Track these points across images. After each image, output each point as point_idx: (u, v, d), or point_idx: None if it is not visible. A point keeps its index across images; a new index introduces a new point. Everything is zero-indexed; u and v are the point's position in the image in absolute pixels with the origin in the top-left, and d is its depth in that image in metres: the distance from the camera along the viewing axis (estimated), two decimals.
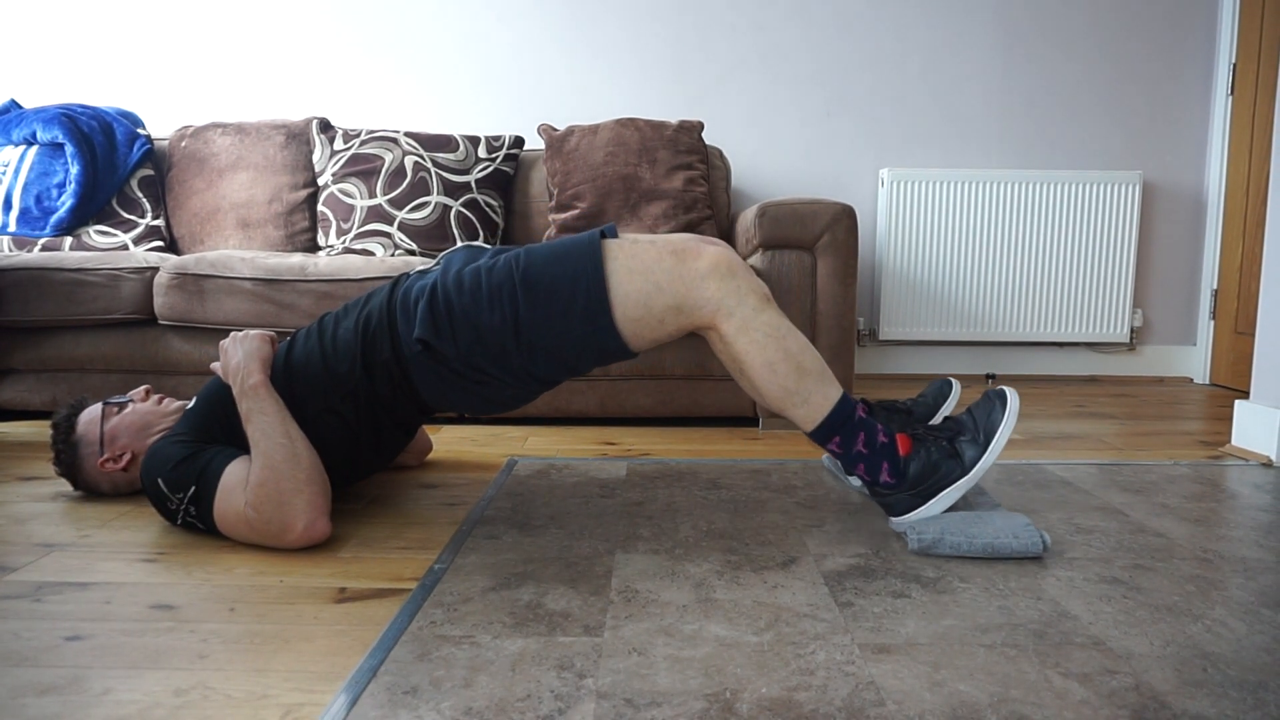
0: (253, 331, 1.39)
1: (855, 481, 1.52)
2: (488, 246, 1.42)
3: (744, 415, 2.17)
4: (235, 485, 1.24)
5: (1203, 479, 1.64)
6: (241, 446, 1.32)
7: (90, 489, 1.52)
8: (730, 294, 1.20)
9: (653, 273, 1.20)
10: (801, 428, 1.26)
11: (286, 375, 1.35)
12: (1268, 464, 1.77)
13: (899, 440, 1.25)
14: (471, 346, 1.24)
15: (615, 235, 1.28)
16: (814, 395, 1.23)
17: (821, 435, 1.24)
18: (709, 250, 1.22)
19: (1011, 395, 1.27)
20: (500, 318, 1.22)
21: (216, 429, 1.35)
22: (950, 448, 1.25)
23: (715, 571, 1.16)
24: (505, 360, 1.25)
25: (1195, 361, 3.08)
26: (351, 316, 1.36)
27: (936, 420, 1.57)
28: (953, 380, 1.59)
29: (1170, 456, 1.86)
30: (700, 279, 1.20)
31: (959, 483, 1.24)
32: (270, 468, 1.23)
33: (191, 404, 1.40)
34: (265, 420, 1.27)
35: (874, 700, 0.82)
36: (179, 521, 1.31)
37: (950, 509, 1.27)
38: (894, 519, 1.28)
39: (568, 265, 1.22)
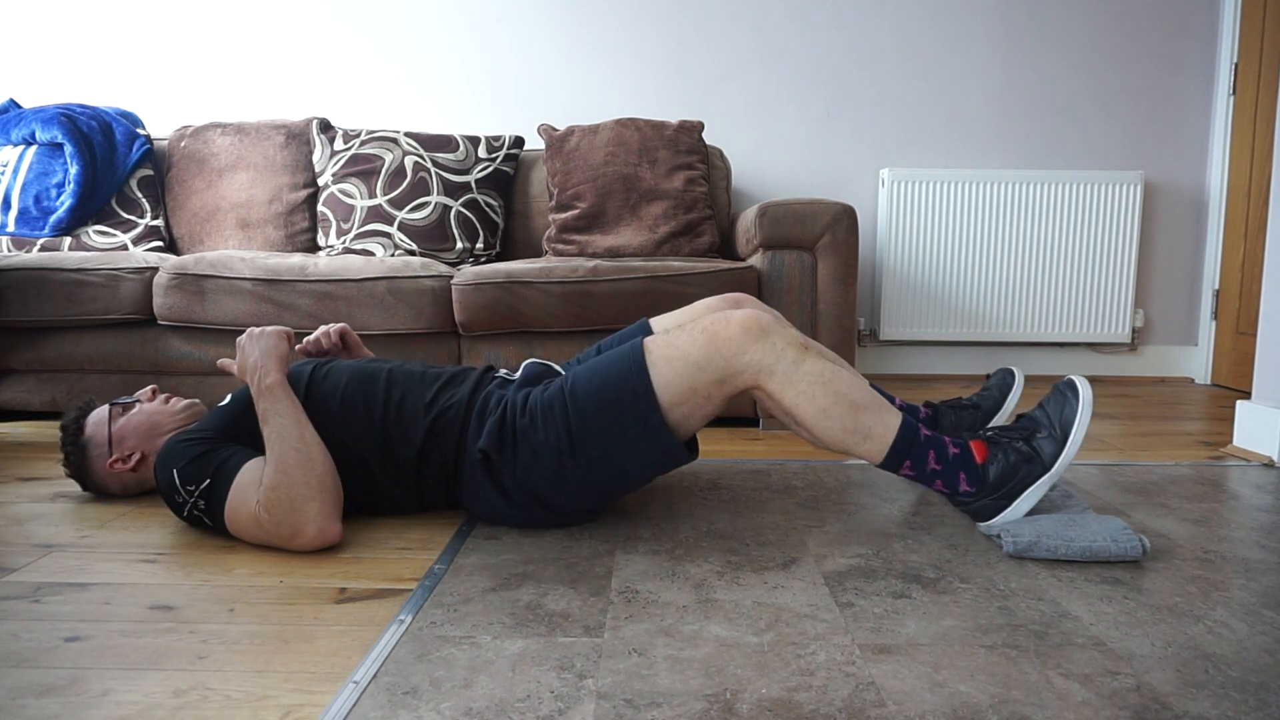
0: (270, 328, 1.37)
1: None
2: (560, 370, 1.44)
3: (744, 415, 2.17)
4: (249, 486, 1.24)
5: (1204, 480, 1.64)
6: (262, 448, 1.31)
7: (100, 490, 1.51)
8: (767, 354, 1.21)
9: (689, 355, 1.22)
10: (870, 462, 1.26)
11: (323, 401, 1.33)
12: (1269, 464, 1.76)
13: (974, 447, 1.25)
14: (528, 466, 1.26)
15: (649, 330, 1.37)
16: (875, 428, 1.23)
17: (892, 464, 1.24)
18: (737, 317, 1.23)
19: (1083, 384, 1.24)
20: (555, 433, 1.24)
21: (244, 433, 1.33)
22: (1028, 448, 1.24)
23: (715, 572, 1.16)
24: (561, 477, 1.26)
25: (1197, 362, 3.07)
26: (426, 392, 1.35)
27: (1005, 411, 1.56)
28: (1014, 369, 1.58)
29: (1172, 457, 1.85)
30: (736, 348, 1.21)
31: (1040, 481, 1.23)
32: (284, 472, 1.22)
33: (226, 401, 1.39)
34: (281, 423, 1.26)
35: (874, 701, 0.82)
36: (185, 514, 1.30)
37: (1034, 510, 1.26)
38: (981, 524, 1.28)
39: (613, 372, 1.25)
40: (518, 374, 1.41)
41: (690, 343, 1.23)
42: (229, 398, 1.39)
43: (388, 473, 1.35)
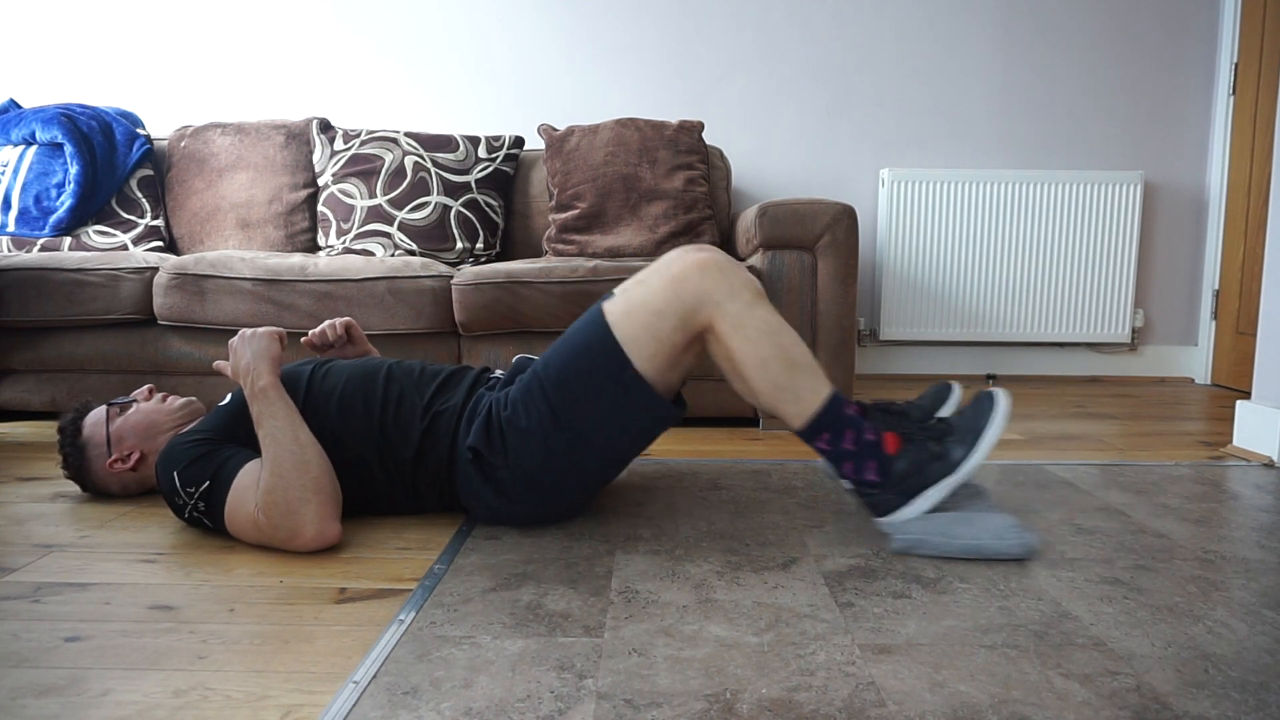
0: (261, 330, 1.38)
1: (848, 484, 1.52)
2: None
3: (744, 416, 2.17)
4: (247, 488, 1.24)
5: (1204, 480, 1.64)
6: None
7: (100, 491, 1.51)
8: (723, 290, 1.21)
9: (649, 303, 1.22)
10: (790, 425, 1.25)
11: (321, 400, 1.34)
12: (1269, 464, 1.76)
13: (887, 439, 1.24)
14: (518, 455, 1.26)
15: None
16: (805, 392, 1.22)
17: (810, 432, 1.24)
18: (694, 256, 1.23)
19: (1001, 397, 1.26)
20: (538, 416, 1.24)
21: (243, 432, 1.33)
22: (937, 448, 1.24)
23: (715, 572, 1.16)
24: (552, 460, 1.26)
25: (1196, 362, 3.07)
26: (424, 393, 1.36)
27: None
28: (953, 384, 1.58)
29: (1172, 457, 1.85)
30: (692, 282, 1.21)
31: (943, 482, 1.22)
32: (279, 474, 1.22)
33: (226, 400, 1.39)
34: (275, 424, 1.26)
35: (874, 701, 0.82)
36: (186, 516, 1.30)
37: (938, 510, 1.26)
38: (878, 519, 1.26)
39: (578, 340, 1.25)
40: (506, 371, 1.42)
41: (648, 291, 1.23)
42: (229, 397, 1.39)
43: (386, 472, 1.35)
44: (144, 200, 2.53)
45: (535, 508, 1.33)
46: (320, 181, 2.54)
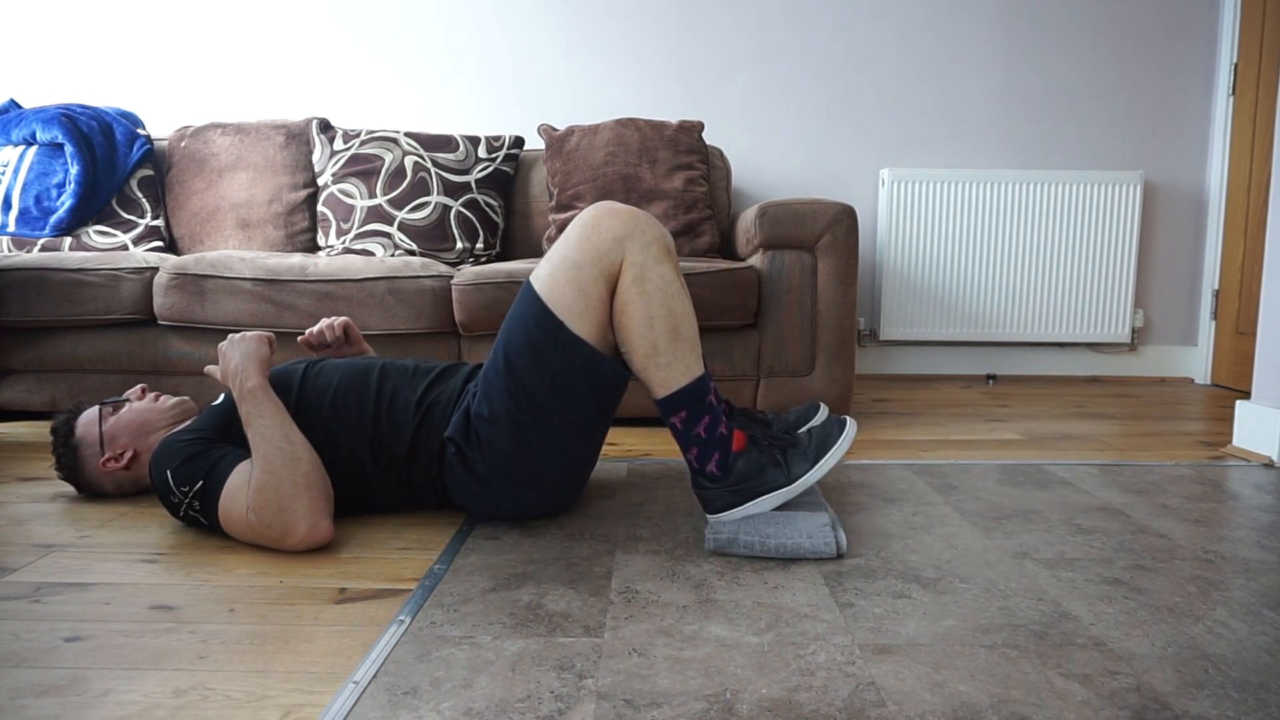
0: (250, 333, 1.39)
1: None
2: None
3: None
4: (239, 487, 1.24)
5: (1204, 480, 1.64)
6: None
7: (94, 490, 1.52)
8: (635, 237, 1.21)
9: (567, 256, 1.22)
10: (653, 392, 1.25)
11: (314, 399, 1.34)
12: (1269, 464, 1.76)
13: (736, 435, 1.25)
14: (492, 442, 1.26)
15: None
16: (677, 363, 1.22)
17: (669, 405, 1.23)
18: (607, 204, 1.24)
19: (851, 424, 1.28)
20: (500, 399, 1.25)
21: (235, 431, 1.34)
22: (780, 457, 1.25)
23: (715, 572, 1.16)
24: (525, 442, 1.26)
25: (1196, 362, 3.07)
26: (417, 387, 1.36)
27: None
28: (821, 404, 1.59)
29: (1171, 457, 1.85)
30: (605, 229, 1.21)
31: (778, 492, 1.23)
32: (270, 473, 1.22)
33: (219, 400, 1.40)
34: (264, 424, 1.27)
35: (874, 701, 0.82)
36: (181, 514, 1.30)
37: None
38: (709, 515, 1.26)
39: (514, 316, 1.26)
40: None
41: (565, 245, 1.23)
42: (222, 396, 1.40)
43: (380, 469, 1.35)
44: (144, 200, 2.53)
45: (520, 497, 1.32)
46: (320, 181, 2.54)
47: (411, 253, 2.41)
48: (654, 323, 1.21)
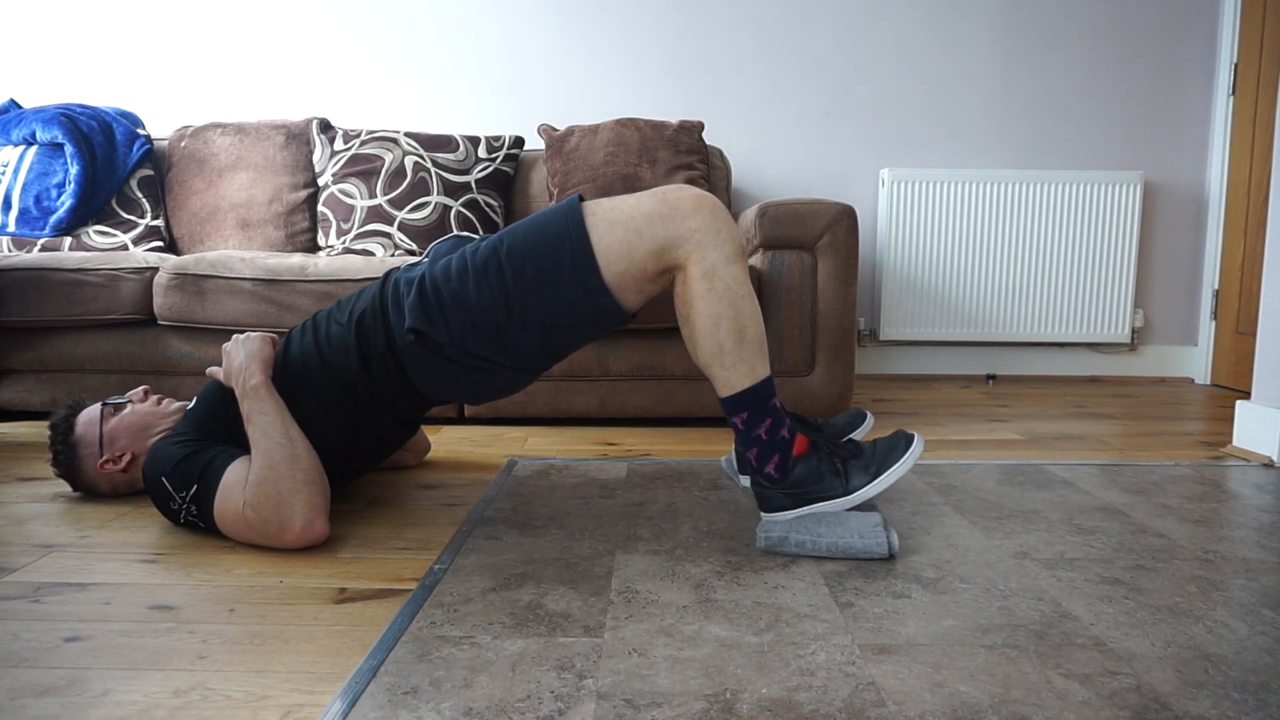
0: (254, 333, 1.40)
1: (745, 483, 1.53)
2: (474, 236, 1.42)
3: None
4: (235, 485, 1.24)
5: (1204, 480, 1.64)
6: (243, 445, 1.33)
7: (89, 490, 1.51)
8: (710, 234, 1.19)
9: (633, 219, 1.19)
10: (718, 391, 1.24)
11: (285, 372, 1.35)
12: (1269, 464, 1.76)
13: (798, 440, 1.24)
14: (465, 331, 1.24)
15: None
16: (742, 364, 1.21)
17: (734, 405, 1.23)
18: (693, 191, 1.21)
19: (918, 441, 1.26)
20: (490, 295, 1.22)
21: (219, 428, 1.35)
22: (841, 466, 1.24)
23: (715, 572, 1.16)
24: (501, 340, 1.25)
25: (1196, 362, 3.07)
26: (345, 311, 1.37)
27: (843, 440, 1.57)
28: (867, 412, 1.60)
29: (1171, 457, 1.85)
30: (683, 217, 1.18)
31: (834, 501, 1.23)
32: (269, 467, 1.23)
33: (193, 404, 1.41)
34: (266, 420, 1.27)
35: (874, 701, 0.82)
36: (181, 520, 1.31)
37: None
38: (764, 514, 1.27)
39: (550, 231, 1.21)
40: (425, 254, 1.38)
41: (636, 205, 1.20)
42: (194, 400, 1.41)
43: (354, 401, 1.34)
44: (144, 200, 2.53)
45: (484, 378, 1.30)
46: (320, 181, 2.54)
47: (412, 253, 2.41)
48: (720, 322, 1.20)
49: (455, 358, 1.27)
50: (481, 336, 1.24)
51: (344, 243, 2.43)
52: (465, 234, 1.43)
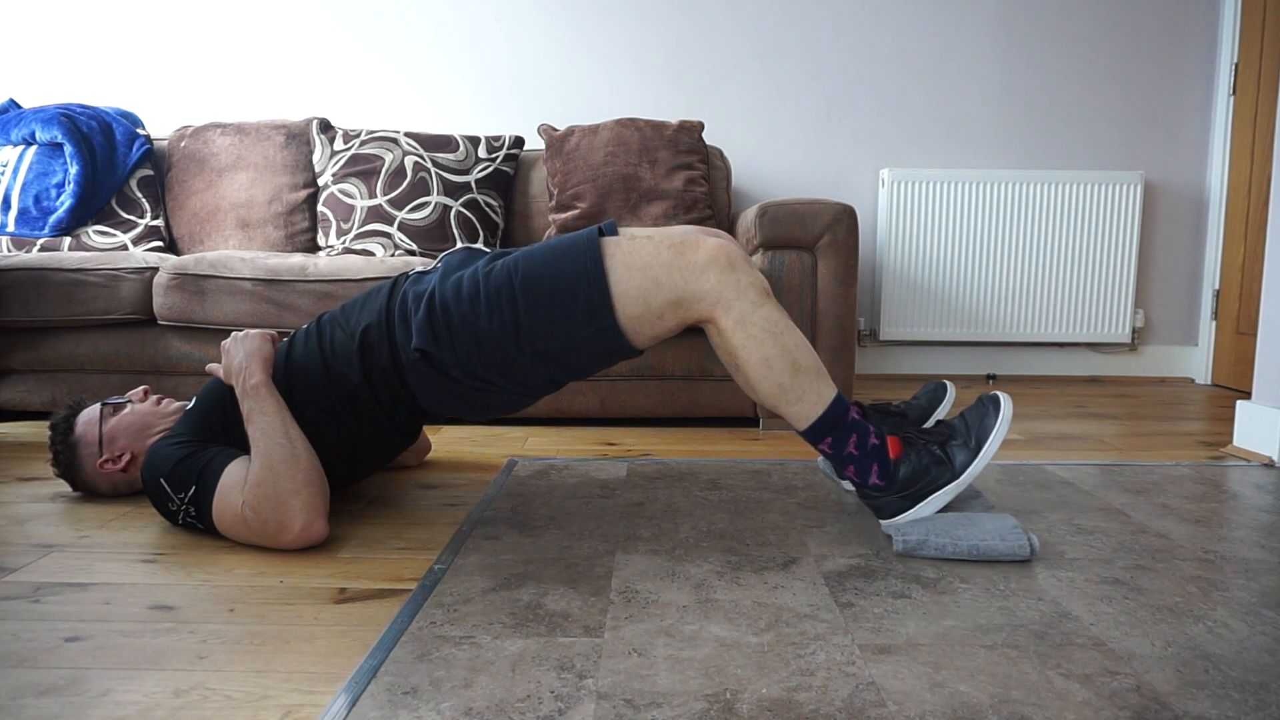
0: (253, 331, 1.39)
1: (847, 485, 1.52)
2: (486, 250, 1.41)
3: (744, 416, 2.17)
4: (234, 485, 1.24)
5: (1204, 480, 1.64)
6: (242, 446, 1.32)
7: (89, 490, 1.51)
8: (729, 287, 1.19)
9: (651, 268, 1.19)
10: (794, 426, 1.24)
11: (287, 375, 1.35)
12: (1269, 465, 1.76)
13: (890, 443, 1.24)
14: (471, 354, 1.24)
15: (615, 232, 1.26)
16: (808, 394, 1.21)
17: (814, 435, 1.23)
18: (709, 242, 1.20)
19: (1005, 401, 1.24)
20: (500, 323, 1.21)
21: (217, 428, 1.35)
22: (941, 452, 1.24)
23: (715, 572, 1.16)
24: (507, 367, 1.25)
25: (1197, 362, 3.07)
26: (350, 319, 1.36)
27: (930, 424, 1.56)
28: (947, 383, 1.58)
29: (1172, 457, 1.85)
30: (699, 272, 1.18)
31: (948, 487, 1.22)
32: (269, 468, 1.23)
33: (191, 404, 1.40)
34: (266, 420, 1.27)
35: (874, 701, 0.82)
36: (180, 521, 1.31)
37: (942, 512, 1.26)
38: (883, 521, 1.27)
39: (567, 266, 1.21)
40: (436, 265, 1.38)
41: (654, 254, 1.19)
42: (193, 400, 1.40)
43: (355, 410, 1.34)
44: (144, 200, 2.53)
45: (488, 397, 1.31)
46: (320, 181, 2.54)
47: (412, 253, 2.41)
48: (770, 363, 1.20)
49: (459, 378, 1.27)
50: (487, 361, 1.24)
51: (344, 243, 2.43)
52: (478, 247, 1.42)
